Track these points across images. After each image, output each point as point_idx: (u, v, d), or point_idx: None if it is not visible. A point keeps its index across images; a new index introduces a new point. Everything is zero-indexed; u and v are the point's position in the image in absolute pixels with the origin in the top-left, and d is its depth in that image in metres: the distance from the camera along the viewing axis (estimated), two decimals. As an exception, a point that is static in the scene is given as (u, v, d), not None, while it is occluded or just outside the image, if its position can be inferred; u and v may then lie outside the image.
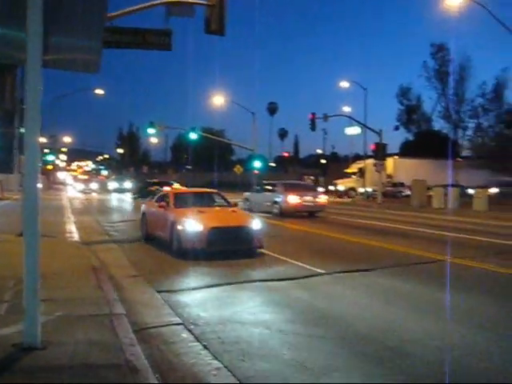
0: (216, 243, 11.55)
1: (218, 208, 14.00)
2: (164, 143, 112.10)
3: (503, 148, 35.68)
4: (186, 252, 11.47)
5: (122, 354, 4.94)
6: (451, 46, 64.37)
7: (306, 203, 24.98)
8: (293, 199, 24.71)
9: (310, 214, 25.32)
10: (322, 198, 26.24)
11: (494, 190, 38.86)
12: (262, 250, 12.36)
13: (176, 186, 49.24)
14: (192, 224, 11.63)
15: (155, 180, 53.98)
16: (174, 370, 4.97)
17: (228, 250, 11.66)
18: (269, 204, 25.42)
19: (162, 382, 4.52)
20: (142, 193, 47.39)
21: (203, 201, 14.38)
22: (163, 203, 13.58)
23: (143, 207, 15.91)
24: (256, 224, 12.33)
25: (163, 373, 4.82)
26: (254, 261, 11.34)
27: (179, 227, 11.81)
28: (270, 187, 27.22)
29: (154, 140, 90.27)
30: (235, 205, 14.40)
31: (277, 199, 25.04)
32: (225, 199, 14.86)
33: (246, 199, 28.23)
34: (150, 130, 52.57)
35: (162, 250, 12.83)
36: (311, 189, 29.79)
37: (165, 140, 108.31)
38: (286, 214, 24.19)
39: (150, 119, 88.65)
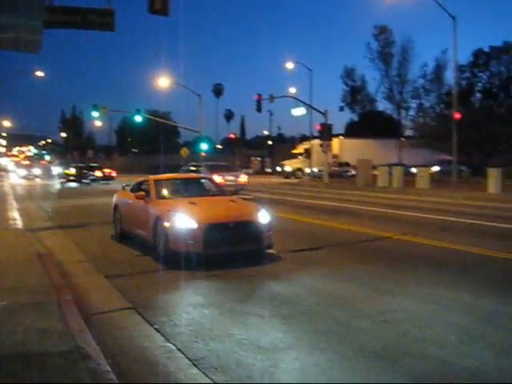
0: (215, 244, 9.14)
1: (212, 198, 11.31)
2: (109, 126, 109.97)
3: (443, 128, 36.67)
4: (175, 255, 9.00)
5: (73, 341, 4.87)
6: (393, 27, 65.56)
7: (229, 182, 26.79)
8: (216, 179, 25.81)
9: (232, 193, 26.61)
10: (243, 178, 28.87)
11: (435, 169, 40.10)
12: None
13: (107, 171, 49.49)
14: (183, 219, 9.11)
15: (90, 164, 53.54)
16: (126, 355, 4.94)
17: (230, 253, 9.38)
18: None
19: (114, 367, 4.48)
20: (66, 178, 46.96)
21: (193, 189, 11.87)
22: (141, 193, 11.01)
23: (115, 198, 13.00)
24: (264, 216, 9.73)
25: (115, 358, 4.78)
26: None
27: (166, 224, 9.27)
28: (194, 168, 29.42)
29: (98, 123, 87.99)
30: (234, 193, 12.14)
31: None
32: (219, 187, 12.42)
33: None
34: (94, 113, 51.14)
35: (109, 234, 12.66)
36: (233, 170, 32.45)
37: (109, 123, 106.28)
38: None
39: (94, 102, 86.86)
